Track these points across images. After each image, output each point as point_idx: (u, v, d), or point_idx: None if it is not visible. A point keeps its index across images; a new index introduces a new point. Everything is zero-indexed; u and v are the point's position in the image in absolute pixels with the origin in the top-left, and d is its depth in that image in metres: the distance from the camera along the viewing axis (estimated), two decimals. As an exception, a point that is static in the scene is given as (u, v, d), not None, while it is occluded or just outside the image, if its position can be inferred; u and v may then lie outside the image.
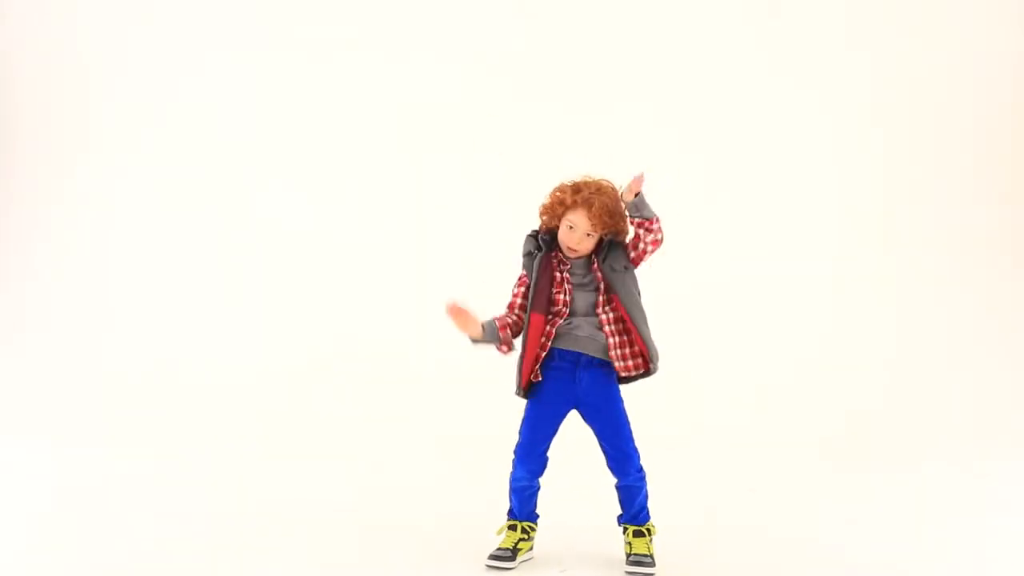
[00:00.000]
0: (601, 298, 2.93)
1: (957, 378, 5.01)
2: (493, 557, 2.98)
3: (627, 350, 2.93)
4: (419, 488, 3.86)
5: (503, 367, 3.57)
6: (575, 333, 2.93)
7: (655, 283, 3.04)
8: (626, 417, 2.97)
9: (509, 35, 5.35)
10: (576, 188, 2.93)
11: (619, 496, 3.01)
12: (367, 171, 5.32)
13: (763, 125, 5.33)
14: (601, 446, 2.99)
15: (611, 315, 2.92)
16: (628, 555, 2.97)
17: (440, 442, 4.45)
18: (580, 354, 2.93)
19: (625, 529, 3.02)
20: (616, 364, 2.92)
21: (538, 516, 3.08)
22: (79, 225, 5.37)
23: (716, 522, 3.46)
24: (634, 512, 3.00)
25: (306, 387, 4.87)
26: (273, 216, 5.30)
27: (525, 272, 2.98)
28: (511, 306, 2.98)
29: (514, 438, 3.00)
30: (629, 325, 2.91)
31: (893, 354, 5.10)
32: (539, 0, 5.39)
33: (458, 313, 2.88)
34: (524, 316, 2.94)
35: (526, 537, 3.03)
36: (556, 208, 2.93)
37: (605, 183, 2.94)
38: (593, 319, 2.93)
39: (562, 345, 2.94)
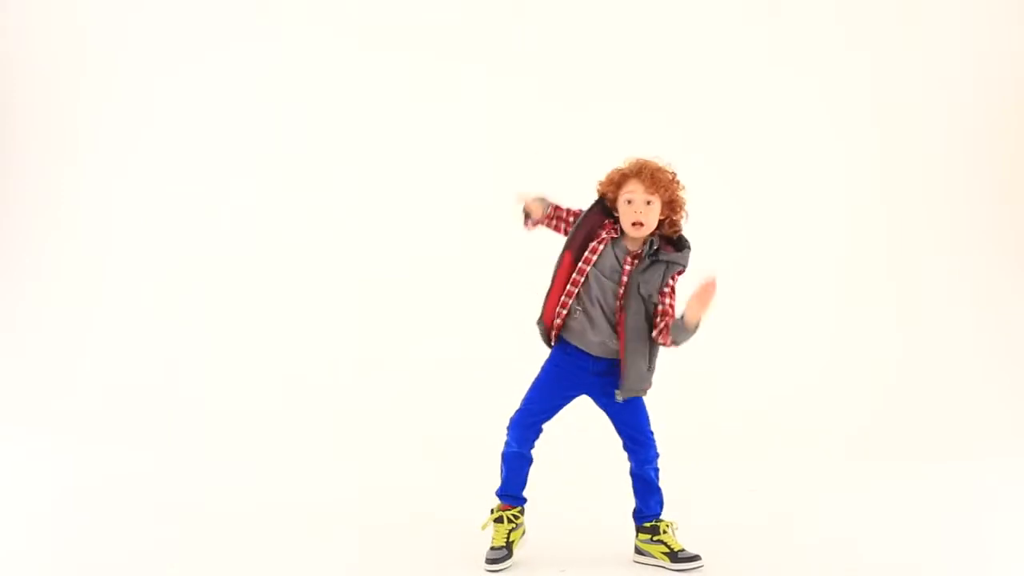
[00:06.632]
0: (619, 303, 2.90)
1: (958, 378, 5.00)
2: (491, 560, 2.97)
3: None
4: (418, 488, 3.86)
5: (502, 367, 3.58)
6: (589, 337, 2.92)
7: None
8: (642, 402, 2.97)
9: (509, 34, 5.35)
10: (622, 167, 2.96)
11: (636, 487, 3.00)
12: (365, 170, 5.32)
13: (765, 126, 5.33)
14: (619, 432, 2.99)
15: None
16: (673, 552, 2.97)
17: (439, 442, 4.44)
18: (591, 356, 2.94)
19: (655, 528, 3.01)
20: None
21: (526, 500, 3.06)
22: (77, 224, 5.37)
23: (717, 521, 3.46)
24: (653, 504, 3.00)
25: (305, 387, 4.87)
26: (270, 216, 5.30)
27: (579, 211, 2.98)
28: (567, 211, 2.99)
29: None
30: (622, 353, 2.90)
31: (894, 354, 5.10)
32: (540, -1, 5.42)
33: (526, 204, 2.94)
34: (564, 224, 2.96)
35: (515, 525, 3.02)
36: (609, 191, 2.95)
37: (648, 159, 2.96)
38: (610, 322, 2.92)
39: (575, 342, 2.94)
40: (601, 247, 2.91)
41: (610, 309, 2.91)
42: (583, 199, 3.00)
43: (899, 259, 5.32)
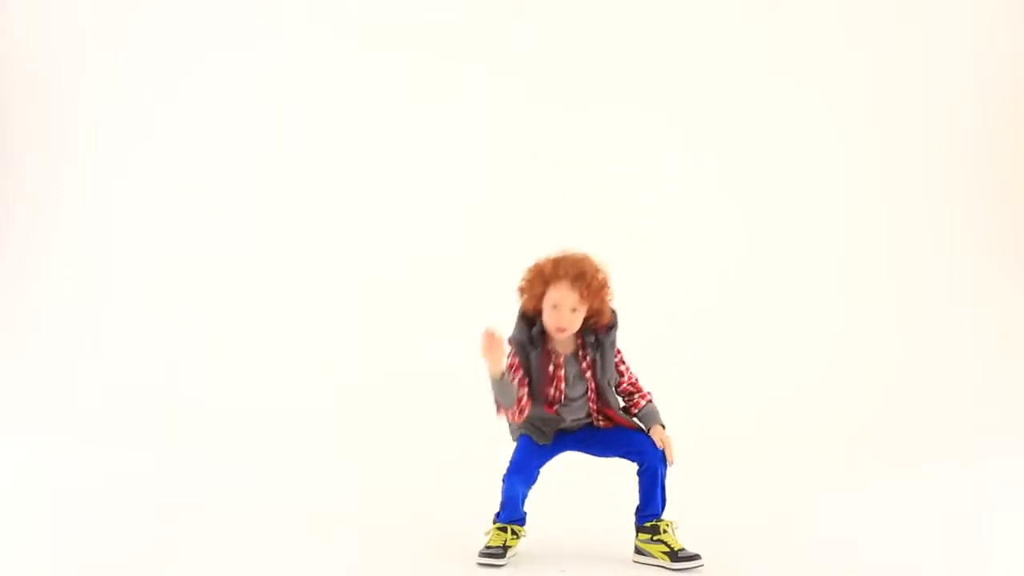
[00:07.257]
0: (591, 393, 2.94)
1: (958, 378, 5.01)
2: (484, 555, 2.97)
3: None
4: (418, 488, 3.86)
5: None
6: (561, 414, 2.95)
7: (658, 285, 3.03)
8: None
9: (509, 34, 5.35)
10: (555, 261, 2.87)
11: (641, 484, 2.98)
12: (365, 170, 5.33)
13: (765, 126, 5.34)
14: (624, 456, 2.99)
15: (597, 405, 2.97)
16: (674, 551, 2.96)
17: (439, 442, 4.45)
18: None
19: (655, 527, 3.00)
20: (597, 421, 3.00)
21: (526, 513, 3.07)
22: (78, 224, 5.37)
23: (717, 521, 3.45)
24: (657, 502, 3.00)
25: (305, 387, 4.87)
26: (270, 216, 5.30)
27: (516, 356, 2.90)
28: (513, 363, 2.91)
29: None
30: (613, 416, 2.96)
31: (894, 354, 5.10)
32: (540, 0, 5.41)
33: (492, 342, 2.77)
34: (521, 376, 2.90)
35: (515, 537, 3.03)
36: (535, 285, 2.87)
37: (583, 255, 2.89)
38: (582, 405, 2.96)
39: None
40: (559, 361, 2.90)
41: (581, 397, 2.94)
42: (580, 200, 2.99)
43: (899, 259, 5.33)
